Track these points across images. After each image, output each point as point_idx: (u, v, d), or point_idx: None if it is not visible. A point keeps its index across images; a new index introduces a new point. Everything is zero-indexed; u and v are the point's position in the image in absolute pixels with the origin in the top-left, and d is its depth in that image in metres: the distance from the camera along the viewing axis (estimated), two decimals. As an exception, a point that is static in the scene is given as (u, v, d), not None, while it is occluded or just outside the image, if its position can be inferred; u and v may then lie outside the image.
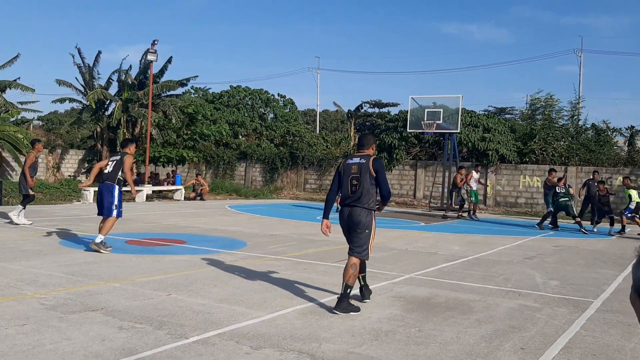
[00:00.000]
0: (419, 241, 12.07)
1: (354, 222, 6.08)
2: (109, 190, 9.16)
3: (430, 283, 7.51)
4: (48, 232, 11.04)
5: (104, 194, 9.17)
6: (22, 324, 4.89)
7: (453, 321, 5.61)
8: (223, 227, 13.50)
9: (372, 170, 5.94)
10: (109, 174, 9.24)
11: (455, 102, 22.11)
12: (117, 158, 9.39)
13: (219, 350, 4.43)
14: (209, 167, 31.24)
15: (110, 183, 9.17)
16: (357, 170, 6.00)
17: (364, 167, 5.97)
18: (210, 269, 7.84)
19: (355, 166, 6.04)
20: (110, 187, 9.17)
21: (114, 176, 9.19)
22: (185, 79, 30.31)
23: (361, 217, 6.00)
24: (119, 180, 9.22)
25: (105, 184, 9.23)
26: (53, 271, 7.25)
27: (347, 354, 4.47)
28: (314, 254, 9.68)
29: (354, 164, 6.06)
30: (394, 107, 46.59)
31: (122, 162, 9.27)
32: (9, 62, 27.79)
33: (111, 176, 9.20)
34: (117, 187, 9.17)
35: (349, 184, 6.04)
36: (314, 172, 29.32)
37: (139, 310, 5.51)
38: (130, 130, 30.11)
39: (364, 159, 6.03)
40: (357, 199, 5.98)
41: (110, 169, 9.27)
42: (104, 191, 9.21)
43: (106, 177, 9.26)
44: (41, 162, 30.15)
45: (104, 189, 9.21)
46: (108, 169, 9.32)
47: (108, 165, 9.39)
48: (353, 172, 6.03)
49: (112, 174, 9.22)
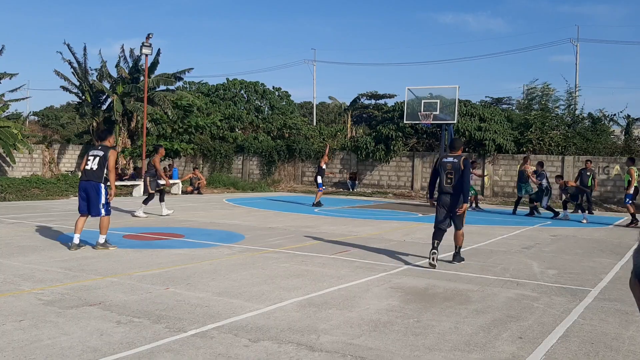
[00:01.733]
0: (416, 232, 12.08)
1: (453, 206, 8.01)
2: (95, 190, 8.59)
3: (428, 274, 7.51)
4: (45, 227, 11.01)
5: (91, 194, 8.60)
6: (20, 320, 4.88)
7: (451, 311, 5.62)
8: (221, 220, 13.49)
9: (462, 167, 7.94)
10: (93, 172, 8.62)
11: (452, 93, 22.07)
12: (100, 154, 8.71)
13: (217, 343, 4.43)
14: (206, 160, 31.18)
15: (96, 182, 8.59)
16: (451, 168, 8.03)
17: (456, 165, 8.00)
18: (208, 263, 7.83)
19: (450, 164, 8.06)
20: (97, 186, 8.60)
21: (99, 174, 8.61)
22: (179, 71, 30.21)
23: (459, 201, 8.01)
24: (105, 178, 8.65)
25: (90, 182, 8.61)
26: (50, 266, 7.24)
27: (345, 345, 4.47)
28: (311, 246, 9.68)
29: (449, 163, 8.09)
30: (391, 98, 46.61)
31: (106, 158, 8.66)
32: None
33: (96, 174, 8.61)
34: (103, 185, 8.61)
35: (445, 177, 8.06)
36: (311, 164, 29.28)
37: (137, 304, 5.50)
38: (127, 124, 30.06)
39: (456, 159, 8.06)
40: (453, 188, 7.98)
41: (95, 166, 8.63)
42: (89, 191, 8.61)
43: (90, 174, 8.63)
44: (37, 158, 30.09)
45: (90, 189, 8.61)
46: (91, 165, 8.65)
47: (89, 161, 8.71)
48: (448, 169, 8.05)
49: (97, 171, 8.61)
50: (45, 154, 30.47)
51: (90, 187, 8.60)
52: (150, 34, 22.93)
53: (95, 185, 8.59)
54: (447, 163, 8.10)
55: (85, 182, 8.64)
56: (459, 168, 7.93)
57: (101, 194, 8.60)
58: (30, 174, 28.37)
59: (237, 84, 39.19)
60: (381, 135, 26.65)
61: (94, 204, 8.60)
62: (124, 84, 29.41)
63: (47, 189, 20.60)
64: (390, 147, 26.26)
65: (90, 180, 8.60)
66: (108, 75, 30.25)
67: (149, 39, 23.01)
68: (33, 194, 19.47)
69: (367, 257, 8.64)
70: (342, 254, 8.85)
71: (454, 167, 7.99)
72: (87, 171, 8.66)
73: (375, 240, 10.63)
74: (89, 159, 8.73)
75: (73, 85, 30.34)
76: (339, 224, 13.33)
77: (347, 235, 11.18)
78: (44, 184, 21.90)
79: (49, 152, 30.78)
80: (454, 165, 8.01)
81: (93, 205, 8.61)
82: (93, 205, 8.61)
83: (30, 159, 29.42)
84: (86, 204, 8.66)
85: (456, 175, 7.95)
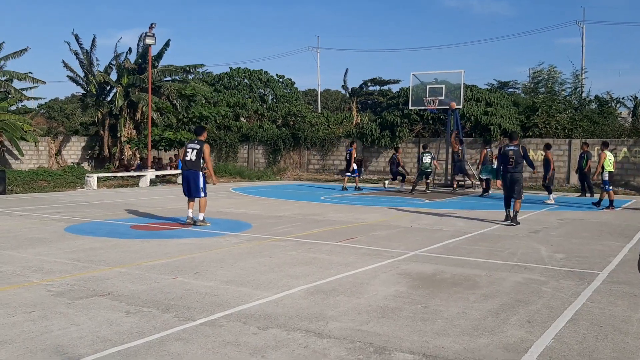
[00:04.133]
0: (423, 218, 12.07)
1: (515, 181, 11.36)
2: (194, 177, 10.30)
3: (436, 259, 7.51)
4: (53, 219, 11.06)
5: (191, 181, 10.31)
6: (30, 311, 4.91)
7: (459, 296, 5.62)
8: (227, 209, 13.52)
9: (521, 153, 11.37)
10: (192, 162, 10.31)
11: (457, 78, 21.95)
12: (197, 147, 10.33)
13: (226, 331, 4.45)
14: (212, 150, 31.19)
15: (195, 170, 10.30)
16: (512, 154, 11.29)
17: (517, 152, 11.33)
18: (216, 252, 7.86)
19: (512, 152, 11.32)
20: (195, 174, 10.30)
21: (197, 164, 10.30)
22: (190, 65, 30.16)
23: (519, 178, 11.49)
24: (203, 167, 10.36)
25: (190, 171, 10.34)
26: (59, 258, 7.28)
27: (353, 331, 4.48)
28: (318, 234, 9.69)
29: (510, 150, 11.32)
30: (395, 84, 46.34)
31: (202, 151, 10.33)
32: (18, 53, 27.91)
33: (195, 164, 10.31)
34: (200, 173, 10.32)
35: (508, 162, 11.30)
36: (316, 152, 29.25)
37: (146, 294, 5.53)
38: (132, 115, 30.08)
39: (516, 147, 11.40)
40: (514, 169, 11.31)
41: (193, 157, 10.30)
42: (190, 178, 10.33)
43: (190, 164, 10.34)
44: (44, 150, 30.20)
45: (190, 176, 10.34)
46: (190, 157, 10.33)
47: (188, 153, 10.40)
48: (510, 155, 11.30)
49: (195, 162, 10.30)
50: (51, 145, 30.57)
51: (190, 175, 10.34)
52: (153, 24, 22.85)
53: (195, 174, 10.29)
54: (509, 151, 11.27)
55: (187, 171, 10.38)
56: (519, 154, 11.26)
57: (199, 180, 10.28)
58: (37, 166, 28.49)
59: (241, 72, 39.06)
60: (386, 121, 26.56)
61: (193, 188, 10.34)
62: (129, 75, 29.40)
63: (54, 181, 20.72)
64: (395, 134, 26.17)
65: (190, 169, 10.31)
66: (117, 65, 30.29)
67: (152, 29, 22.93)
68: (40, 186, 19.58)
69: (374, 244, 8.65)
70: (349, 241, 8.86)
71: (515, 154, 11.22)
72: (187, 162, 10.36)
73: (382, 227, 10.62)
74: (187, 151, 10.41)
75: (79, 76, 30.42)
76: (346, 211, 13.33)
77: (353, 223, 11.19)
78: (51, 176, 22.04)
79: (55, 144, 30.87)
80: (515, 152, 11.24)
81: (192, 189, 10.34)
82: (192, 189, 10.34)
83: (36, 151, 29.53)
84: (188, 188, 10.39)
85: (517, 159, 11.18)
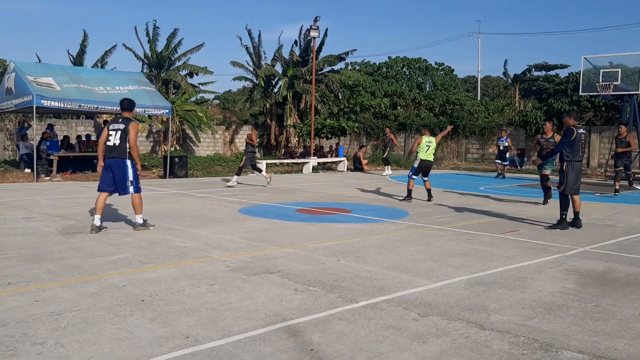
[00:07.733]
0: (593, 212, 11.25)
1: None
2: (120, 167, 7.96)
3: (607, 257, 7.02)
4: (228, 201, 12.10)
5: (115, 171, 7.96)
6: (211, 284, 5.48)
7: (635, 297, 5.23)
8: (383, 197, 13.72)
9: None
10: (116, 147, 7.93)
11: (636, 61, 19.97)
12: (121, 127, 7.95)
13: (387, 315, 4.61)
14: (369, 139, 31.68)
15: (122, 158, 7.94)
16: (584, 138, 9.35)
17: (586, 136, 9.65)
18: (375, 238, 8.08)
19: (584, 135, 9.33)
20: (122, 164, 7.96)
21: (123, 149, 7.92)
22: (344, 52, 30.93)
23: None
24: (129, 153, 7.97)
25: (115, 159, 7.95)
26: (234, 237, 7.98)
27: (517, 326, 4.40)
28: (478, 224, 9.50)
29: (583, 134, 9.32)
30: (563, 69, 43.29)
31: (128, 131, 7.91)
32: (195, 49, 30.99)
33: (120, 149, 7.92)
34: (128, 162, 7.99)
35: (580, 147, 9.23)
36: (475, 141, 28.40)
37: (312, 274, 5.89)
38: (296, 105, 31.63)
39: (585, 130, 9.59)
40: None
41: (117, 141, 7.92)
42: (114, 167, 7.96)
43: (114, 151, 7.94)
44: (219, 138, 32.98)
45: (114, 166, 7.96)
46: (113, 140, 7.93)
47: (111, 135, 7.96)
48: (583, 139, 9.30)
49: (120, 146, 7.91)
50: (226, 134, 33.26)
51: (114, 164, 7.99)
52: (317, 17, 23.72)
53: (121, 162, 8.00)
54: (581, 134, 9.28)
55: (110, 160, 8.01)
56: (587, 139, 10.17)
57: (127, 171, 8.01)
58: (213, 152, 31.29)
59: (400, 61, 39.03)
60: (553, 109, 24.99)
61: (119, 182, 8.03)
62: (294, 67, 30.94)
63: (229, 167, 22.55)
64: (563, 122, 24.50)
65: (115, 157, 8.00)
66: (280, 58, 32.11)
67: (317, 22, 23.80)
68: (216, 171, 21.47)
69: (539, 238, 8.29)
70: (511, 234, 8.58)
71: (586, 138, 10.14)
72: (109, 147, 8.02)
73: (548, 220, 10.11)
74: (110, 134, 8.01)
75: (248, 71, 32.69)
76: (507, 203, 12.86)
77: (516, 214, 10.78)
78: (225, 162, 24.12)
79: (229, 132, 33.53)
80: (586, 136, 10.00)
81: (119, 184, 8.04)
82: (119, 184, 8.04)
83: (212, 139, 32.36)
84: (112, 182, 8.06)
85: (586, 144, 9.81)
